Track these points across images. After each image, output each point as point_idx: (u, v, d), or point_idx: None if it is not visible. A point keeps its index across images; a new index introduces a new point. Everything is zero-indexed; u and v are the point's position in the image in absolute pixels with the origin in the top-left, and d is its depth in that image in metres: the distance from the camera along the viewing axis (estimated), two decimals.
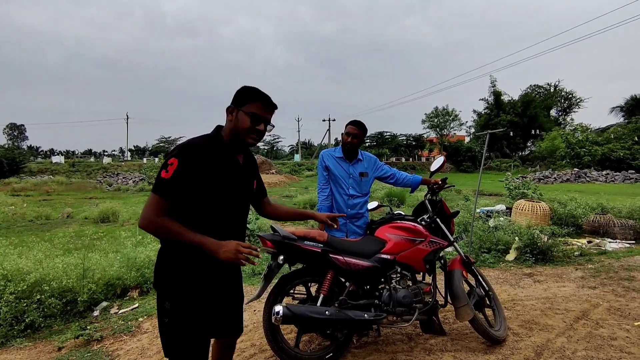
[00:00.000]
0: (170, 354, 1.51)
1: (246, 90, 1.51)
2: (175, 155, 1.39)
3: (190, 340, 1.49)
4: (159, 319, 1.51)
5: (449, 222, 2.81)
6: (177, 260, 1.47)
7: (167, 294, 1.49)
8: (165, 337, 1.50)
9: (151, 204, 1.38)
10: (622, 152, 28.80)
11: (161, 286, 1.50)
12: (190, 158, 1.39)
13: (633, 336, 2.66)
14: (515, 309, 3.22)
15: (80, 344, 2.82)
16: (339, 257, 2.32)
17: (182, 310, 1.47)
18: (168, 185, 1.37)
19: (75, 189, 22.50)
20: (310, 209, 10.93)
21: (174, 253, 1.48)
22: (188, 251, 1.44)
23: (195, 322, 1.49)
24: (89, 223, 9.26)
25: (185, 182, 1.38)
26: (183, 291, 1.47)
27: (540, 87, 49.57)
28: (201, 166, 1.41)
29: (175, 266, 1.47)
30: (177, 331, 1.47)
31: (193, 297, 1.48)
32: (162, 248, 1.52)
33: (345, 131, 2.80)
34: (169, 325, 1.48)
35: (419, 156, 53.48)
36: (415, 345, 2.62)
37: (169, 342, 1.50)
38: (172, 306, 1.47)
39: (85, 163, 36.45)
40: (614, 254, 5.07)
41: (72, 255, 4.12)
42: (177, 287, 1.48)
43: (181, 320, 1.47)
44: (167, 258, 1.50)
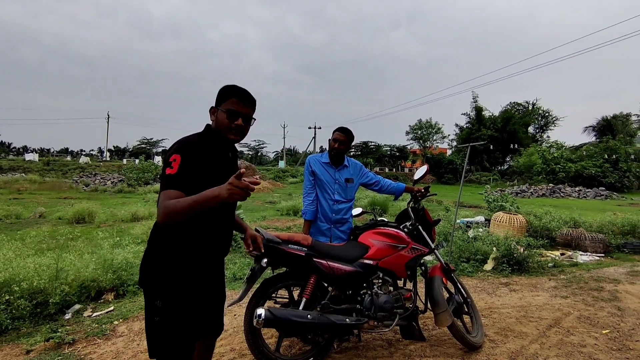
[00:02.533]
0: (158, 353, 1.49)
1: (223, 89, 1.56)
2: (176, 151, 1.41)
3: (180, 339, 1.48)
4: (148, 318, 1.49)
5: (430, 230, 2.87)
6: (167, 254, 1.47)
7: (158, 291, 1.47)
8: (154, 336, 1.49)
9: (164, 198, 1.37)
10: (593, 169, 30.10)
11: (151, 284, 1.48)
12: (190, 153, 1.42)
13: (601, 343, 2.77)
14: (492, 316, 3.30)
15: (50, 347, 2.71)
16: (322, 262, 2.34)
17: (174, 307, 1.46)
18: (176, 179, 1.37)
19: (49, 188, 21.66)
20: (293, 215, 10.90)
21: (163, 249, 1.47)
22: (176, 244, 1.46)
23: (186, 319, 1.49)
24: (63, 223, 8.92)
25: (188, 176, 1.40)
26: (175, 287, 1.47)
27: (519, 104, 51.39)
28: (199, 160, 1.43)
29: (166, 261, 1.46)
30: (169, 329, 1.47)
31: (184, 293, 1.48)
32: (150, 245, 1.51)
33: (333, 137, 2.85)
34: (159, 324, 1.46)
35: (402, 167, 54.31)
36: (395, 350, 2.65)
37: (158, 341, 1.48)
38: (163, 304, 1.45)
39: (61, 162, 35.18)
40: (584, 266, 5.28)
41: (45, 256, 3.96)
42: (168, 283, 1.46)
43: (173, 318, 1.47)
44: (156, 254, 1.49)
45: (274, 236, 2.28)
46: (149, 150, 58.17)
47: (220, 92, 1.57)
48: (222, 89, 1.57)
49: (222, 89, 1.57)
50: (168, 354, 1.49)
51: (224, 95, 1.55)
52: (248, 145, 76.66)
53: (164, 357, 1.50)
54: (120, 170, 28.90)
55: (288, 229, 8.40)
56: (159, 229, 1.50)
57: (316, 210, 2.84)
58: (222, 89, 1.57)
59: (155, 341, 1.49)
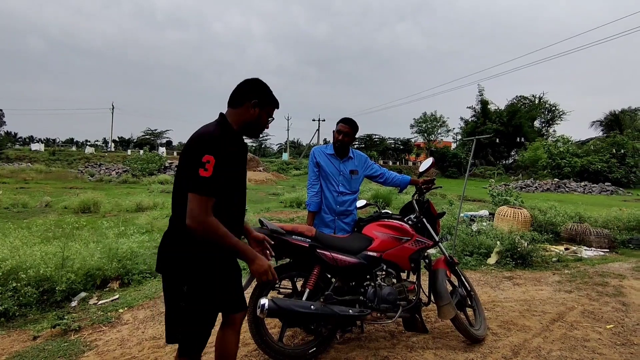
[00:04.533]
0: (184, 336, 1.53)
1: (268, 92, 1.65)
2: (209, 151, 1.40)
3: (207, 320, 1.55)
4: (171, 304, 1.51)
5: (434, 223, 2.86)
6: (192, 240, 1.47)
7: (183, 276, 1.49)
8: (176, 321, 1.52)
9: (199, 204, 1.39)
10: (600, 164, 29.82)
11: (174, 269, 1.50)
12: (222, 152, 1.44)
13: (605, 338, 2.76)
14: (495, 309, 3.30)
15: (56, 334, 2.74)
16: (326, 253, 2.34)
17: (201, 290, 1.50)
18: (211, 183, 1.40)
19: (55, 178, 21.85)
20: (297, 207, 10.92)
21: (188, 235, 1.47)
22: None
23: (211, 301, 1.53)
24: (69, 213, 9.00)
25: (220, 178, 1.44)
26: (200, 269, 1.50)
27: (525, 98, 50.85)
28: (227, 155, 1.47)
29: (191, 247, 1.48)
30: (194, 314, 1.51)
31: (209, 274, 1.52)
32: (173, 231, 1.52)
33: (337, 129, 2.82)
34: (184, 310, 1.49)
35: (406, 160, 54.09)
36: (398, 342, 2.66)
37: (182, 326, 1.52)
38: (189, 289, 1.48)
39: (67, 152, 35.42)
40: (589, 261, 5.25)
41: (51, 244, 4.00)
42: (194, 266, 1.49)
43: (199, 302, 1.50)
44: (181, 239, 1.50)
45: (277, 227, 2.28)
46: (153, 141, 58.32)
47: (265, 94, 1.63)
48: (267, 91, 1.63)
49: (267, 91, 1.63)
50: (195, 335, 1.53)
51: (269, 99, 1.64)
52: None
53: (190, 339, 1.53)
54: (125, 160, 29.04)
55: (291, 221, 8.42)
56: (183, 216, 1.48)
57: (320, 202, 2.83)
58: (267, 91, 1.63)
59: (177, 326, 1.52)
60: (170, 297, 1.53)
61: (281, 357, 2.32)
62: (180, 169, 1.51)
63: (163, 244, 1.55)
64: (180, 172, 1.52)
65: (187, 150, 1.47)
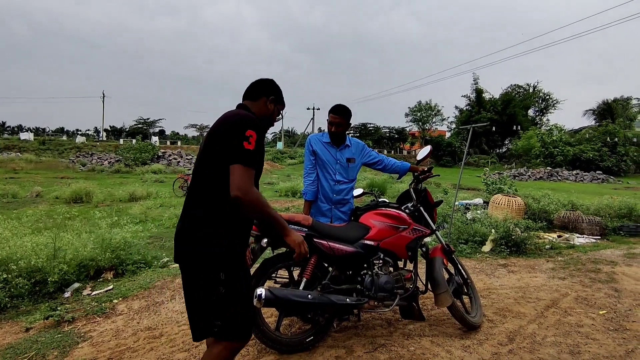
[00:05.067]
0: (230, 322, 1.49)
1: (281, 93, 1.81)
2: (252, 127, 1.47)
3: (249, 300, 1.59)
4: (208, 292, 1.47)
5: (432, 211, 2.85)
6: (223, 223, 1.49)
7: (218, 263, 1.47)
8: (218, 310, 1.48)
9: (245, 175, 1.41)
10: (591, 153, 30.14)
11: (209, 260, 1.47)
12: (260, 131, 1.52)
13: (598, 324, 2.80)
14: (490, 297, 3.32)
15: (50, 325, 2.71)
16: (323, 242, 2.31)
17: (238, 273, 1.52)
18: (254, 156, 1.46)
19: (45, 167, 21.52)
20: (292, 196, 10.89)
21: (219, 218, 1.48)
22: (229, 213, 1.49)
23: (248, 282, 1.59)
24: (60, 203, 8.88)
25: (260, 153, 1.53)
26: (234, 257, 1.51)
27: (520, 86, 50.84)
28: (261, 135, 1.55)
29: (222, 229, 1.48)
30: (239, 294, 1.51)
31: (241, 260, 1.55)
32: (201, 215, 1.49)
33: (328, 120, 2.74)
34: (226, 295, 1.47)
35: (401, 149, 54.15)
36: (395, 330, 2.67)
37: (227, 311, 1.48)
38: (227, 275, 1.48)
39: (57, 141, 34.78)
40: (581, 248, 5.32)
41: (42, 235, 3.93)
42: (228, 253, 1.49)
43: (240, 283, 1.52)
44: (211, 228, 1.48)
45: None
46: (145, 130, 57.48)
47: (279, 93, 1.79)
48: (280, 91, 1.79)
49: (280, 91, 1.79)
50: (239, 318, 1.51)
51: (282, 99, 1.80)
52: None
53: (234, 325, 1.50)
54: (117, 150, 28.66)
55: (287, 210, 8.40)
56: (213, 199, 1.49)
57: (317, 191, 2.79)
58: (280, 91, 1.79)
59: (216, 316, 1.47)
60: (202, 289, 1.48)
61: (278, 346, 2.31)
62: (210, 153, 1.50)
63: (191, 237, 1.49)
64: (207, 159, 1.52)
65: (224, 129, 1.49)
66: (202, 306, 1.50)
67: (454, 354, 2.36)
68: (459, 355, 2.34)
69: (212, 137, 1.51)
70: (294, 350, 2.34)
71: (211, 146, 1.50)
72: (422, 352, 2.37)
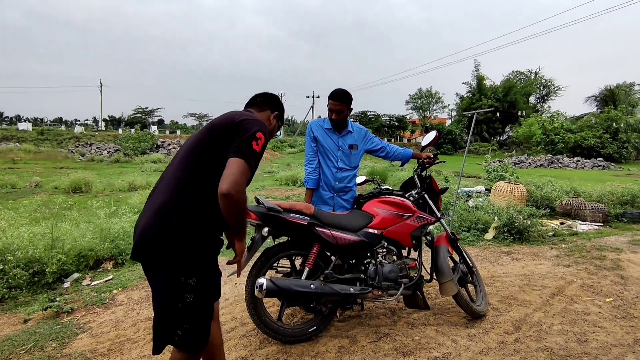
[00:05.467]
0: (190, 332, 1.38)
1: (284, 111, 1.80)
2: (262, 131, 1.44)
3: (211, 309, 1.47)
4: (172, 300, 1.35)
5: (436, 199, 2.78)
6: (194, 224, 1.37)
7: (191, 267, 1.36)
8: (182, 318, 1.37)
9: (244, 173, 1.34)
10: (593, 140, 29.91)
11: (180, 261, 1.35)
12: (267, 138, 1.49)
13: (604, 311, 2.76)
14: (494, 285, 3.28)
15: (48, 316, 2.67)
16: (325, 231, 2.25)
17: (210, 279, 1.43)
18: (258, 158, 1.43)
19: (44, 157, 21.40)
20: (292, 185, 10.83)
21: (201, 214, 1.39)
22: (212, 209, 1.39)
23: (218, 287, 1.50)
24: (60, 193, 8.83)
25: (260, 158, 1.50)
26: (208, 258, 1.43)
27: (521, 73, 50.15)
28: (265, 145, 1.50)
29: (198, 230, 1.38)
30: (204, 304, 1.42)
31: (214, 261, 1.46)
32: (172, 215, 1.36)
33: (328, 107, 2.63)
34: (192, 304, 1.37)
35: (401, 137, 53.84)
36: (399, 319, 2.63)
37: (190, 321, 1.38)
38: (199, 280, 1.38)
39: (56, 131, 34.54)
40: (585, 235, 5.27)
41: (40, 225, 3.88)
42: (203, 255, 1.40)
43: (209, 290, 1.44)
44: (187, 225, 1.36)
45: (275, 205, 2.18)
46: (144, 120, 57.07)
47: (283, 111, 1.78)
48: (284, 109, 1.78)
49: (284, 109, 1.78)
50: (199, 331, 1.41)
51: (283, 118, 1.80)
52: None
53: (192, 337, 1.39)
54: (116, 139, 28.44)
55: (287, 198, 8.35)
56: (202, 194, 1.39)
57: (319, 178, 2.71)
58: (284, 109, 1.78)
59: (179, 324, 1.37)
60: (169, 293, 1.36)
61: (281, 336, 2.27)
62: (207, 145, 1.43)
63: (160, 233, 1.33)
64: (202, 151, 1.43)
65: (234, 124, 1.43)
66: (164, 312, 1.38)
67: (459, 343, 2.32)
68: (465, 345, 2.30)
69: (215, 130, 1.44)
70: (297, 341, 2.30)
71: (212, 138, 1.43)
72: (427, 341, 2.34)
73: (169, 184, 1.42)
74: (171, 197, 1.38)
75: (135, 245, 1.36)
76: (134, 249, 1.37)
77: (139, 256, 1.37)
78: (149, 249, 1.34)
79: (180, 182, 1.40)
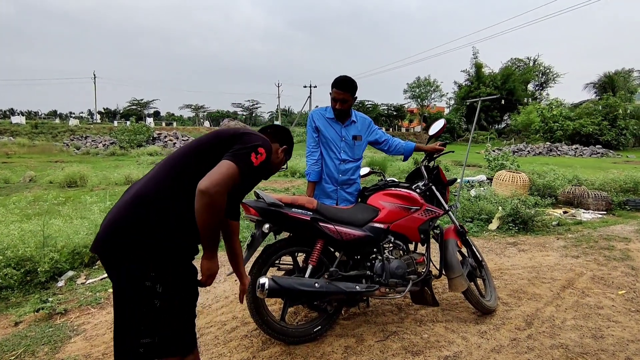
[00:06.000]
0: (168, 339, 1.26)
1: (292, 146, 1.76)
2: (265, 148, 1.39)
3: (191, 312, 1.36)
4: (141, 302, 1.22)
5: (444, 190, 2.66)
6: (173, 222, 1.26)
7: (158, 273, 1.23)
8: (154, 325, 1.24)
9: (230, 176, 1.25)
10: (591, 127, 29.78)
11: (147, 263, 1.22)
12: (269, 158, 1.43)
13: (618, 305, 2.67)
14: (502, 277, 3.19)
15: (41, 318, 2.55)
16: (329, 226, 2.13)
17: (179, 282, 1.30)
18: (252, 171, 1.35)
19: (39, 151, 21.11)
20: (291, 176, 10.69)
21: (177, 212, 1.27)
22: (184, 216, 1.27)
23: (192, 292, 1.36)
24: (54, 187, 8.65)
25: (257, 176, 1.49)
26: (180, 259, 1.30)
27: (520, 60, 49.71)
28: (266, 164, 1.43)
29: (175, 229, 1.26)
30: (178, 311, 1.29)
31: (187, 263, 1.33)
32: (146, 210, 1.24)
33: (332, 96, 2.47)
34: (161, 309, 1.24)
35: (399, 126, 53.59)
36: (406, 316, 2.53)
37: (165, 327, 1.26)
38: (167, 284, 1.25)
39: (50, 125, 34.11)
40: (589, 224, 5.19)
41: (31, 222, 3.74)
42: (169, 259, 1.26)
43: (181, 292, 1.30)
44: (159, 221, 1.24)
45: (276, 199, 2.05)
46: (139, 112, 56.43)
47: (292, 147, 1.75)
48: (293, 145, 1.75)
49: (293, 145, 1.75)
50: (179, 334, 1.30)
51: (291, 153, 1.77)
52: (242, 106, 74.78)
53: (173, 342, 1.28)
54: (112, 132, 28.08)
55: (286, 190, 8.23)
56: (183, 193, 1.28)
57: (321, 171, 2.57)
58: (293, 145, 1.75)
59: (152, 332, 1.24)
60: (133, 293, 1.22)
61: (284, 337, 2.17)
62: (207, 151, 1.36)
63: (133, 224, 1.22)
64: (199, 154, 1.35)
65: (240, 134, 1.39)
66: (129, 318, 1.24)
67: (470, 340, 2.23)
68: (476, 342, 2.21)
69: (218, 137, 1.39)
70: (301, 341, 2.20)
71: (212, 143, 1.38)
72: (437, 339, 2.24)
73: (156, 178, 1.32)
74: (154, 190, 1.28)
75: (102, 234, 1.23)
76: (98, 239, 1.24)
77: (104, 247, 1.23)
78: (119, 238, 1.21)
79: (169, 179, 1.30)
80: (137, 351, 1.23)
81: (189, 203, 1.25)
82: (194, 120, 65.23)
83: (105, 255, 1.24)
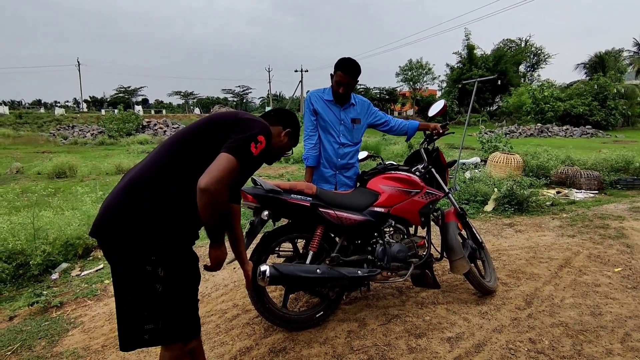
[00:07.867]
0: (171, 324, 1.25)
1: (298, 129, 1.72)
2: (265, 135, 1.34)
3: (193, 296, 1.34)
4: (142, 287, 1.20)
5: (444, 173, 2.63)
6: (169, 206, 1.24)
7: (158, 257, 1.21)
8: (157, 309, 1.22)
9: (230, 171, 1.21)
10: (581, 108, 29.98)
11: (146, 247, 1.20)
12: (269, 145, 1.39)
13: (615, 282, 2.71)
14: (501, 259, 3.21)
15: (36, 312, 2.50)
16: (329, 212, 2.09)
17: (180, 266, 1.28)
18: (251, 162, 1.33)
19: (24, 142, 20.59)
20: (284, 162, 10.59)
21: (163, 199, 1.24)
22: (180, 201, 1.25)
23: (195, 274, 1.35)
24: (43, 179, 8.47)
25: (256, 164, 1.49)
26: (179, 243, 1.28)
27: (512, 41, 49.42)
28: (266, 151, 1.40)
29: (171, 213, 1.24)
30: (179, 296, 1.27)
31: (186, 247, 1.32)
32: (145, 195, 1.23)
33: (335, 79, 2.38)
34: (163, 294, 1.22)
35: (392, 110, 53.34)
36: (407, 299, 2.53)
37: (168, 311, 1.24)
38: (166, 272, 1.23)
39: (35, 114, 33.23)
40: (583, 204, 5.24)
41: (20, 214, 3.64)
42: (169, 243, 1.24)
43: (182, 283, 1.28)
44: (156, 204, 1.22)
45: (274, 186, 2.00)
46: (127, 100, 55.22)
47: (298, 130, 1.71)
48: (298, 128, 1.71)
49: (298, 128, 1.71)
50: (183, 320, 1.28)
51: (297, 137, 1.70)
52: (232, 92, 73.52)
53: (177, 327, 1.27)
54: (100, 121, 27.49)
55: (280, 177, 8.16)
56: (180, 178, 1.26)
57: (319, 155, 2.52)
58: (298, 128, 1.71)
59: (155, 317, 1.22)
60: (134, 283, 1.21)
61: (286, 323, 2.16)
62: (204, 136, 1.32)
63: (129, 208, 1.20)
64: (195, 139, 1.32)
65: (237, 120, 1.35)
66: (131, 305, 1.23)
67: (471, 321, 2.24)
68: (477, 323, 2.22)
69: (214, 122, 1.35)
70: (304, 327, 2.19)
71: (208, 129, 1.34)
72: (439, 321, 2.25)
73: (149, 164, 1.29)
74: (148, 175, 1.27)
75: (99, 219, 1.22)
76: (95, 224, 1.22)
77: (101, 232, 1.22)
78: (113, 224, 1.20)
79: (162, 164, 1.28)
80: (142, 337, 1.22)
81: (182, 188, 1.24)
82: (183, 108, 64.11)
83: (102, 240, 1.23)
